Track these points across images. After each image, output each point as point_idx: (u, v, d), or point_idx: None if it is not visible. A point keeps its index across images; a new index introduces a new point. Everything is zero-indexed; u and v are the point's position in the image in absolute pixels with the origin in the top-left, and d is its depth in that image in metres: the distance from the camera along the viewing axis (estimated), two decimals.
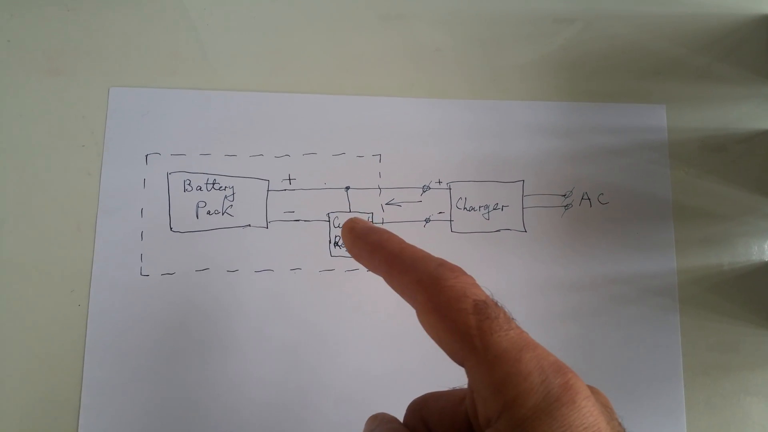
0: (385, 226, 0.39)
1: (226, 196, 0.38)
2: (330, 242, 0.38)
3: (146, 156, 0.38)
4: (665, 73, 0.44)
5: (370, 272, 0.38)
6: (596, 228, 0.40)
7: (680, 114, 0.43)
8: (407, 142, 0.40)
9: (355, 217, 0.21)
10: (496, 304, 0.17)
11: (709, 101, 0.44)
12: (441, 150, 0.40)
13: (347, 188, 0.39)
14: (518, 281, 0.39)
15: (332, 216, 0.39)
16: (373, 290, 0.38)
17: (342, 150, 0.39)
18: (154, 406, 0.35)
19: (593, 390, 0.17)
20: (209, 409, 0.36)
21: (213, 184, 0.38)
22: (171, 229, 0.37)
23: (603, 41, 0.43)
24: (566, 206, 0.41)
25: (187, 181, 0.38)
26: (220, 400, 0.36)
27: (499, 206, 0.40)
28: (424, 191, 0.40)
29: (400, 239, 0.19)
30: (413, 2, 0.42)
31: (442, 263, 0.18)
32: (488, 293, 0.17)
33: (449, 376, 0.37)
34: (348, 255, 0.38)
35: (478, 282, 0.18)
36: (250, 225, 0.38)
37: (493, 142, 0.41)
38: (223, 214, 0.38)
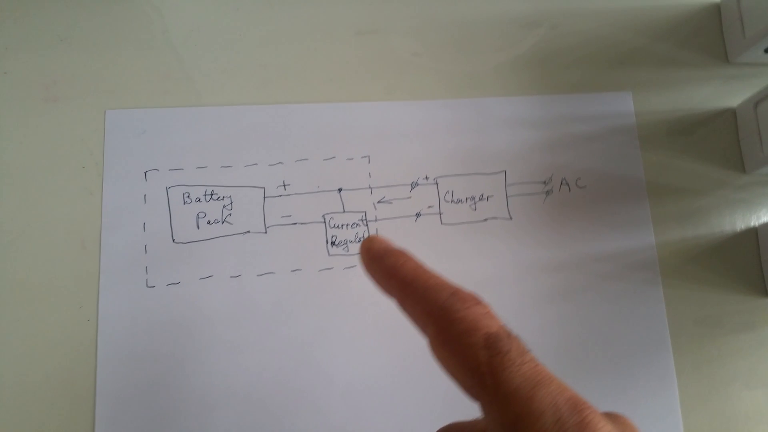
0: (377, 224, 0.41)
1: (224, 206, 0.40)
2: (327, 242, 0.40)
3: (145, 173, 0.39)
4: (630, 62, 0.47)
5: None
6: (577, 211, 0.43)
7: (647, 99, 0.46)
8: (394, 143, 0.42)
9: (373, 236, 0.20)
10: (509, 335, 0.16)
11: (673, 85, 0.47)
12: (426, 148, 0.42)
13: (340, 190, 0.41)
14: (507, 266, 0.41)
15: (327, 217, 0.40)
16: (372, 285, 0.40)
17: (332, 154, 0.41)
18: (168, 414, 0.36)
19: (617, 418, 0.17)
20: (222, 412, 0.37)
21: (211, 195, 0.40)
22: (173, 240, 0.39)
23: (570, 37, 0.46)
24: (547, 192, 0.43)
25: (186, 194, 0.39)
26: (232, 402, 0.37)
27: (485, 197, 0.42)
28: (412, 188, 0.42)
29: (416, 264, 0.19)
30: (386, 17, 0.45)
31: (454, 293, 0.17)
32: (502, 323, 0.16)
33: None
34: (345, 253, 0.40)
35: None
36: (249, 231, 0.40)
37: (475, 136, 0.43)
38: (222, 222, 0.39)
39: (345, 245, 0.40)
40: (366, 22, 0.44)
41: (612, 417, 0.16)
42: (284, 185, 0.40)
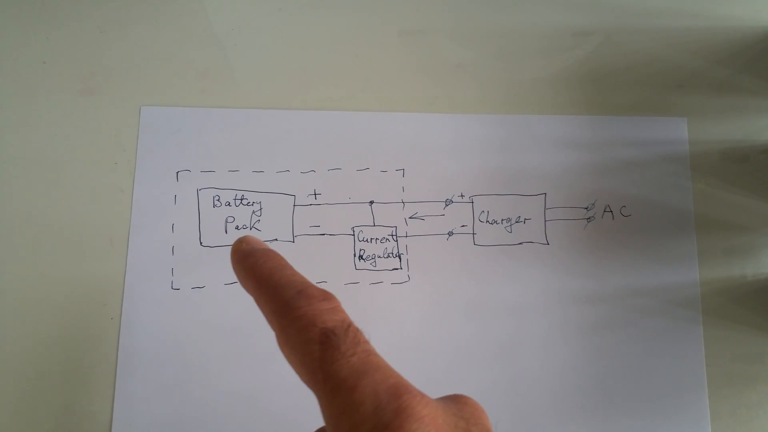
0: (408, 240, 0.39)
1: (253, 211, 0.39)
2: (355, 255, 0.39)
3: (177, 173, 0.39)
4: (686, 85, 0.44)
5: (394, 284, 0.39)
6: (619, 240, 0.41)
7: (702, 126, 0.43)
8: (430, 157, 0.40)
9: (245, 236, 0.19)
10: (347, 328, 0.15)
11: (731, 113, 0.44)
12: (463, 164, 0.41)
13: (371, 202, 0.40)
14: (539, 294, 0.39)
15: (357, 230, 0.39)
16: (399, 302, 0.39)
17: (366, 165, 0.40)
18: (185, 418, 0.36)
19: (459, 400, 0.16)
20: (240, 420, 0.36)
21: (241, 199, 0.39)
22: (201, 243, 0.38)
23: (623, 55, 0.44)
24: (589, 219, 0.41)
25: (217, 197, 0.39)
26: (251, 410, 0.37)
27: (522, 219, 0.40)
28: (446, 205, 0.40)
29: (276, 264, 0.18)
30: (432, 18, 0.43)
31: (300, 291, 0.16)
32: (345, 317, 0.16)
33: (477, 384, 0.38)
34: (372, 268, 0.39)
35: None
36: (276, 239, 0.39)
37: (515, 156, 0.41)
38: (251, 228, 0.39)
39: (373, 260, 0.39)
40: (411, 21, 0.43)
41: (453, 399, 0.16)
42: (315, 194, 0.39)
